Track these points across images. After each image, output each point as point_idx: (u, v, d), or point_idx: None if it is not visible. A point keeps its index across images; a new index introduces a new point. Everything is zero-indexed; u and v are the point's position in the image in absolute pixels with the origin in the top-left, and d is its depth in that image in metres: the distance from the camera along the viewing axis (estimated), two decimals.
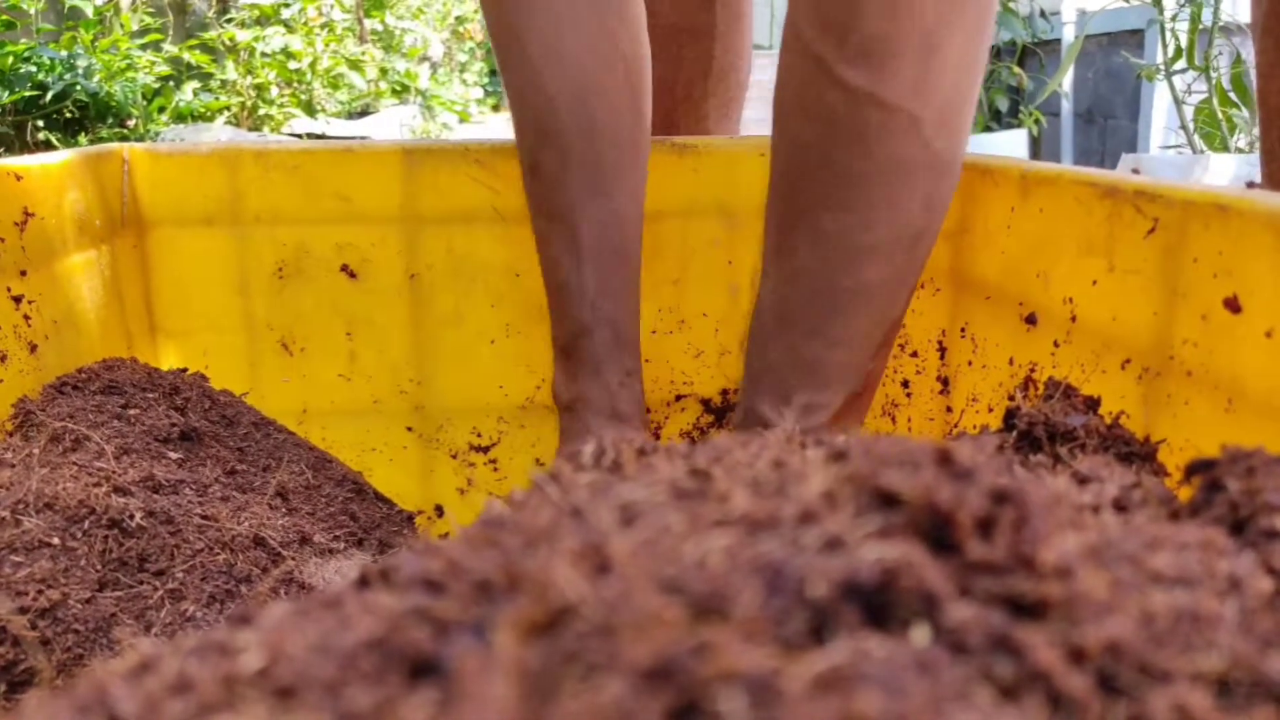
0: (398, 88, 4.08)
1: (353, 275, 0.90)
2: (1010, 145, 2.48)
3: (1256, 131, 1.81)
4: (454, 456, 0.89)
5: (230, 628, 0.23)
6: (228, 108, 3.05)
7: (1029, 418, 0.45)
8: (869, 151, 0.54)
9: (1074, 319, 0.55)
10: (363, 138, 3.54)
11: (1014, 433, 0.45)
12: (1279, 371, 0.42)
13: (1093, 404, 0.48)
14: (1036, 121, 2.58)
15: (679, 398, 0.98)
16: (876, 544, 0.18)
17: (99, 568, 0.50)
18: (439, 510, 0.90)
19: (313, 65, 3.41)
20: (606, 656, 0.14)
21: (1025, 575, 0.17)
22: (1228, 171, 1.58)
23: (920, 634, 0.17)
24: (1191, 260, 0.46)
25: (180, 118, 2.75)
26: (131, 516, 0.54)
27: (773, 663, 0.14)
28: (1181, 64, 1.81)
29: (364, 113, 3.85)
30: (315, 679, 0.16)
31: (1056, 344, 0.57)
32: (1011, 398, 0.61)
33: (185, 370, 0.78)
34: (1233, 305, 0.44)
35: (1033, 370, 0.59)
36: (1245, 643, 0.18)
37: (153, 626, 0.50)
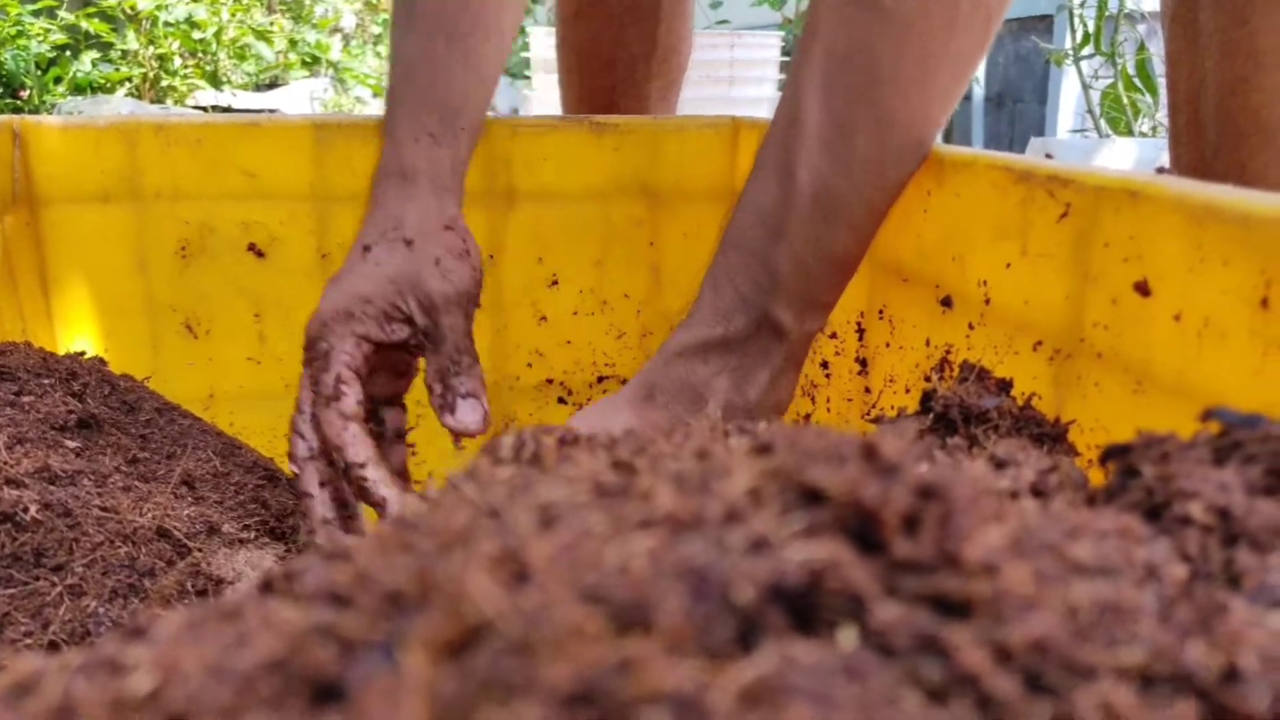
0: (308, 60, 3.96)
1: (260, 254, 0.87)
2: None
3: (1160, 116, 1.87)
4: None
5: (122, 642, 0.21)
6: (129, 79, 2.92)
7: (945, 400, 0.45)
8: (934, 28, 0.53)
9: (988, 302, 0.56)
10: (271, 111, 3.43)
11: (930, 415, 0.46)
12: (1187, 354, 0.43)
13: (1005, 386, 0.48)
14: None
15: (601, 379, 0.98)
16: (802, 544, 0.18)
17: None
18: None
19: (218, 35, 3.28)
20: (524, 678, 0.13)
21: (951, 573, 0.17)
22: (1132, 155, 1.63)
23: (847, 637, 0.17)
24: (1103, 245, 0.47)
25: (78, 89, 2.63)
26: (26, 510, 0.51)
27: (698, 677, 0.14)
28: (1089, 50, 1.86)
29: (272, 85, 3.73)
30: (210, 704, 0.15)
31: (971, 326, 0.58)
32: (928, 379, 0.62)
33: (83, 354, 0.74)
34: (1142, 289, 0.45)
35: (949, 352, 0.60)
36: (1164, 633, 0.19)
37: (51, 624, 0.48)
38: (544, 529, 0.19)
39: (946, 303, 0.60)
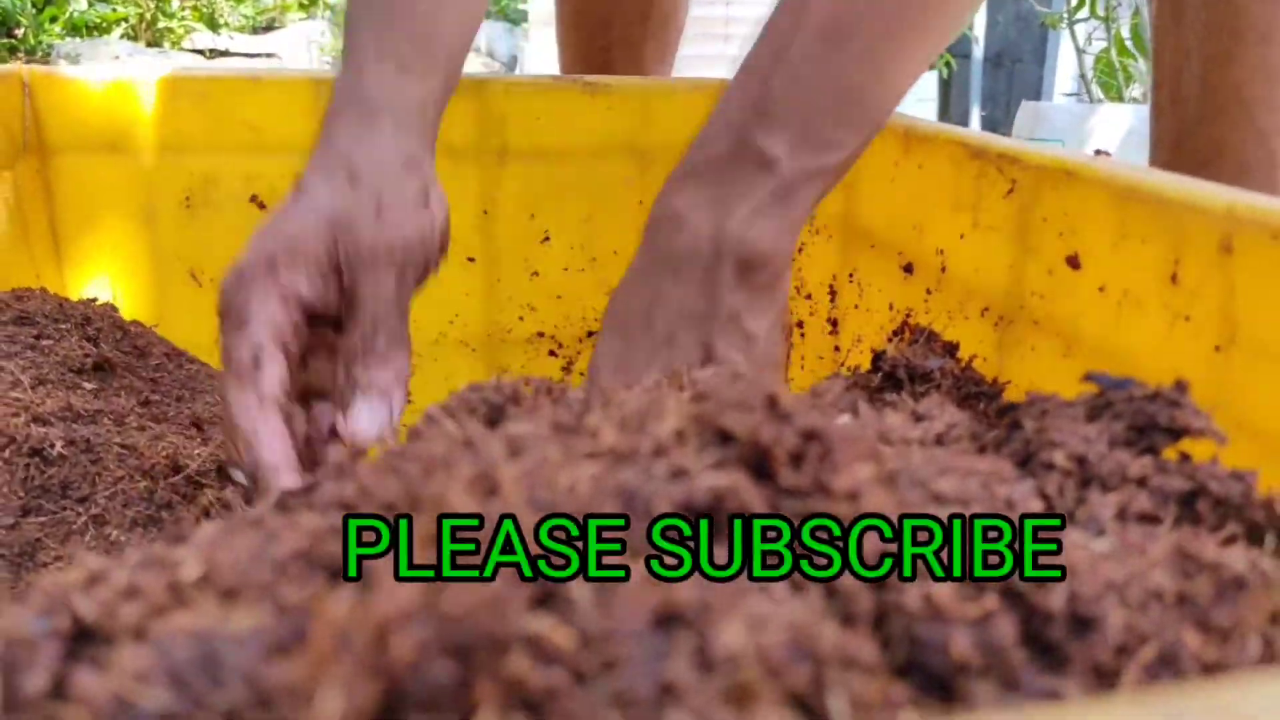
0: (305, 1, 3.95)
1: (263, 206, 0.91)
2: (919, 86, 2.55)
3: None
4: None
5: (168, 544, 0.27)
6: (125, 19, 2.93)
7: (892, 361, 0.50)
8: None
9: (944, 269, 0.61)
10: (268, 54, 3.43)
11: (880, 374, 0.51)
12: (1108, 321, 0.48)
13: (951, 348, 0.53)
14: (947, 64, 2.65)
15: (590, 334, 1.03)
16: (711, 473, 0.23)
17: (22, 495, 0.53)
18: None
19: None
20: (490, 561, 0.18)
21: (823, 498, 0.22)
22: (1123, 122, 1.66)
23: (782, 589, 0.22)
24: (1041, 219, 0.52)
25: (74, 29, 2.63)
26: (52, 445, 0.56)
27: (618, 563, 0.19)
28: (1084, 13, 1.89)
29: (269, 28, 3.73)
30: (252, 583, 0.20)
31: (929, 291, 0.62)
32: (889, 340, 0.67)
33: (95, 300, 0.79)
34: (1073, 262, 0.50)
35: (909, 315, 0.65)
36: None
37: (77, 551, 0.53)
38: (511, 457, 0.24)
39: (908, 269, 0.65)
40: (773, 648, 0.17)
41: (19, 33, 2.78)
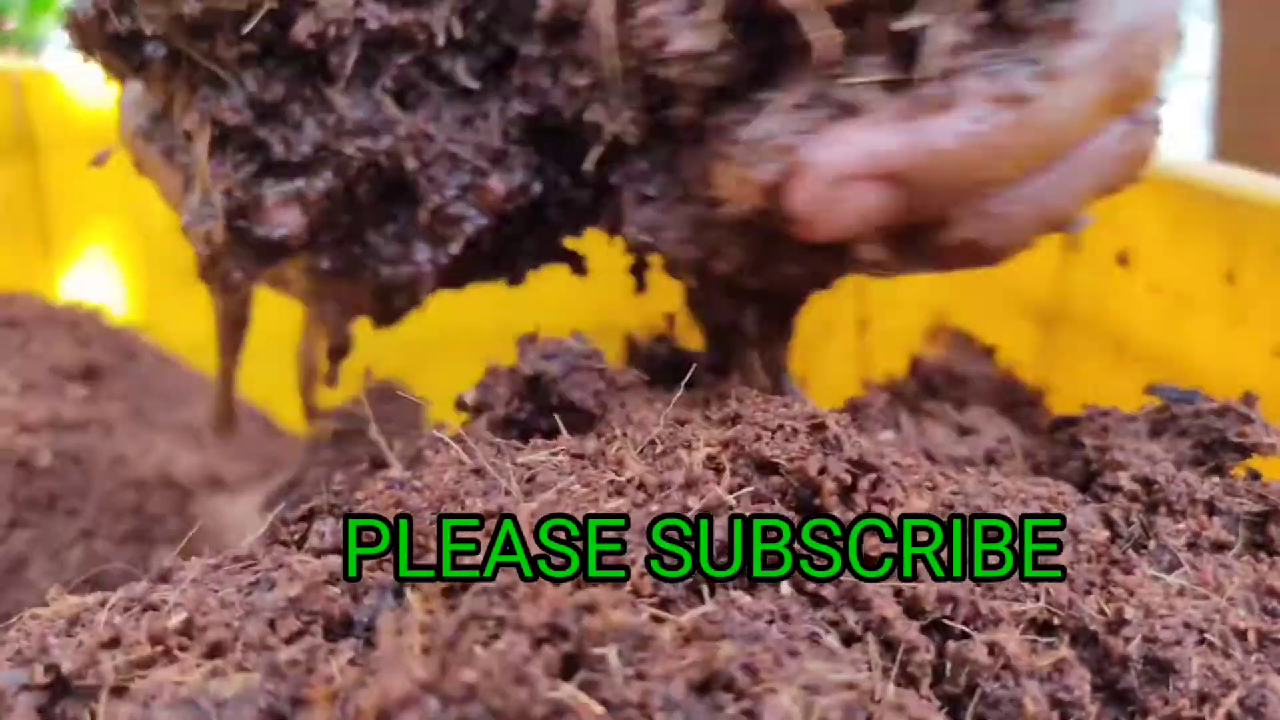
0: None
1: None
2: None
3: None
4: None
5: (151, 584, 0.25)
6: None
7: (929, 365, 0.48)
8: None
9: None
10: None
11: (916, 379, 0.49)
12: (1160, 323, 0.46)
13: (988, 352, 0.52)
14: None
15: None
16: (751, 507, 0.21)
17: (9, 507, 0.52)
18: None
19: None
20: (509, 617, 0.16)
21: (876, 535, 0.21)
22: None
23: (785, 588, 0.20)
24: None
25: None
26: (40, 456, 0.55)
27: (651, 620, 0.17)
28: None
29: None
30: (242, 636, 0.19)
31: (964, 292, 0.61)
32: (924, 342, 0.65)
33: (83, 303, 0.77)
34: (1124, 259, 0.48)
35: (943, 317, 0.63)
36: (1065, 589, 0.22)
37: (66, 567, 0.52)
38: (526, 491, 0.22)
39: None
40: (830, 715, 0.16)
41: (9, 26, 2.78)
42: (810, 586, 0.20)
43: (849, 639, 0.19)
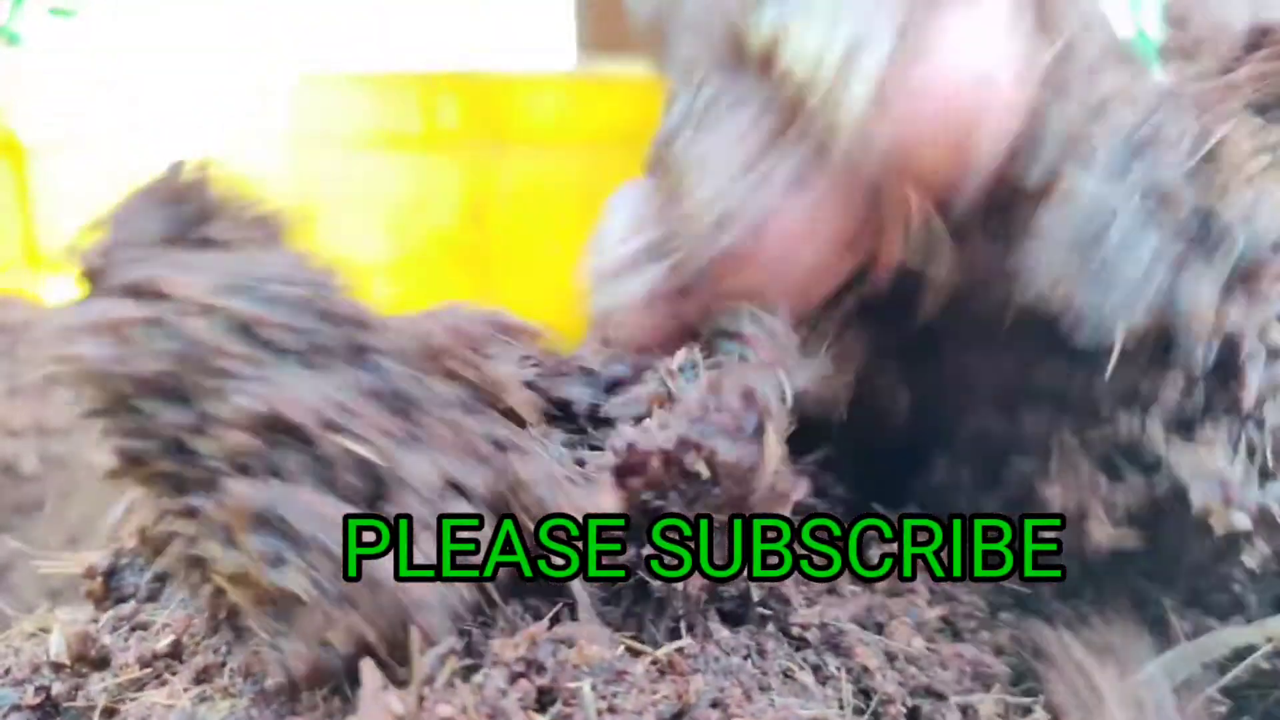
0: None
1: None
2: None
3: None
4: None
5: (139, 603, 0.26)
6: None
7: None
8: None
9: None
10: None
11: None
12: None
13: None
14: None
15: None
16: None
17: None
18: None
19: None
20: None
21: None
22: None
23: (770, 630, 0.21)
24: None
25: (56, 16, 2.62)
26: (26, 462, 0.56)
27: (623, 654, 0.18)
28: None
29: None
30: (228, 661, 0.19)
31: None
32: None
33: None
34: None
35: None
36: None
37: (52, 574, 0.53)
38: None
39: None
40: None
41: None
42: (795, 630, 0.21)
43: (825, 680, 0.20)
